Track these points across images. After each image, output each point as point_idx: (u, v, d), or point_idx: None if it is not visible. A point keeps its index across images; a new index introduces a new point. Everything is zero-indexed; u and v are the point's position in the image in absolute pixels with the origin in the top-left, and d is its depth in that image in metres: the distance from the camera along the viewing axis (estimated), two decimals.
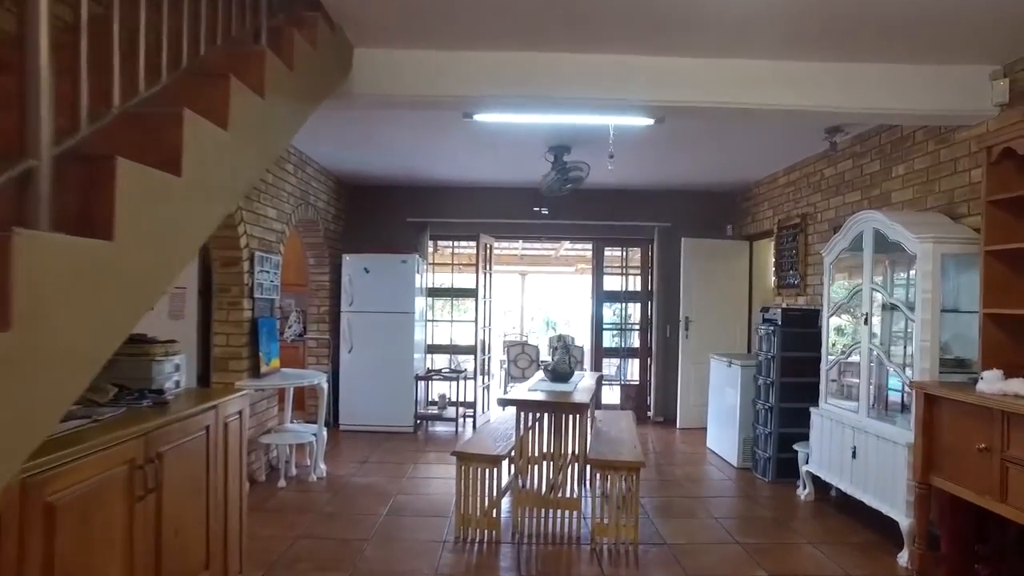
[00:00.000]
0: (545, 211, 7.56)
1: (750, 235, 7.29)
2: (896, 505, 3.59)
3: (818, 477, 4.48)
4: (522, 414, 3.83)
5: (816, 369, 4.98)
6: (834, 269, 4.55)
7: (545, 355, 10.97)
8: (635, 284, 7.82)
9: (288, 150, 5.50)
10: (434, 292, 7.87)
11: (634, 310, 7.98)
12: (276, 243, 5.25)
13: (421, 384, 7.11)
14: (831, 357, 4.50)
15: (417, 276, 6.87)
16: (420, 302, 7.08)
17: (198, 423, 2.56)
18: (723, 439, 5.87)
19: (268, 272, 5.04)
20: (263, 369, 4.78)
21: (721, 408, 5.97)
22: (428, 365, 7.53)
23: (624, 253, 7.87)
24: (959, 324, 3.59)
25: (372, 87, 3.47)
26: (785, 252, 6.16)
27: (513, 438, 3.92)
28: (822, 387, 4.54)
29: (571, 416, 3.89)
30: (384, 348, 6.73)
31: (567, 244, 10.11)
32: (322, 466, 5.01)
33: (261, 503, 4.35)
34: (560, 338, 4.77)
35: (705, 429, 6.72)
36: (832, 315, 4.52)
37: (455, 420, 6.77)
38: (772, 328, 5.09)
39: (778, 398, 5.01)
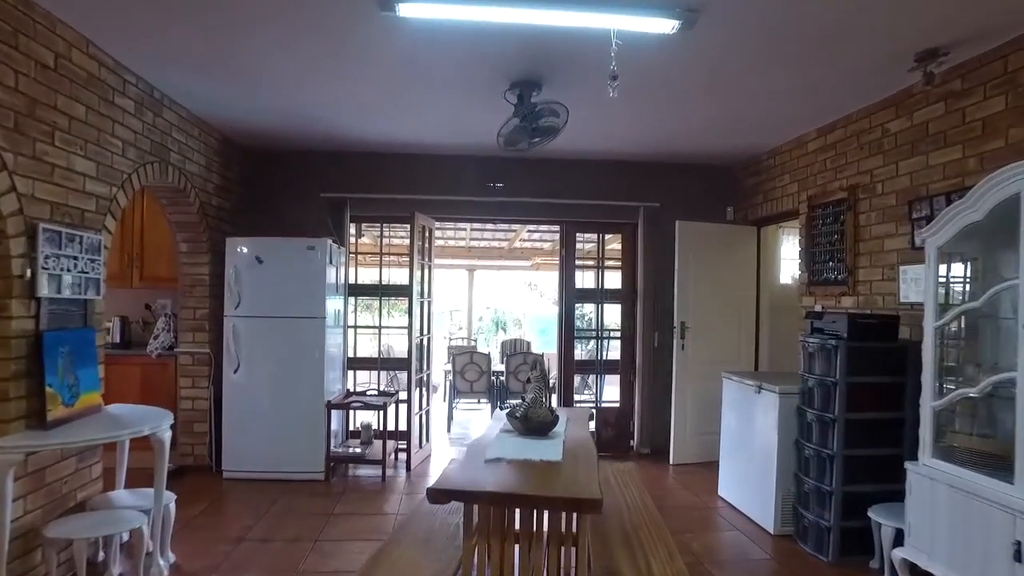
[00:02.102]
0: (500, 185, 5.89)
1: (759, 219, 5.81)
2: None
3: (923, 570, 2.97)
4: (475, 513, 2.15)
5: (897, 401, 3.49)
6: (939, 256, 3.04)
7: (498, 364, 9.32)
8: (615, 280, 6.23)
9: (123, 76, 3.66)
10: (358, 290, 6.10)
11: (613, 313, 6.40)
12: (95, 214, 3.41)
13: (337, 414, 5.34)
14: (949, 388, 2.98)
15: (331, 268, 5.10)
16: (336, 303, 5.30)
17: None
18: (748, 491, 4.33)
19: (75, 259, 3.20)
20: (55, 413, 2.94)
21: (742, 447, 4.44)
22: (348, 386, 5.74)
23: (600, 240, 6.27)
24: None
25: None
26: (821, 238, 4.67)
27: (459, 536, 2.24)
28: (924, 433, 3.02)
29: (567, 518, 2.22)
30: (284, 365, 4.93)
31: (527, 231, 8.44)
32: (161, 564, 3.19)
33: None
34: (535, 365, 3.07)
35: (707, 467, 5.22)
36: (944, 323, 3.01)
37: (382, 461, 5.04)
38: (831, 342, 3.57)
39: (842, 441, 3.50)
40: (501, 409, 7.95)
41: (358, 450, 5.21)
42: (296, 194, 5.75)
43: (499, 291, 18.10)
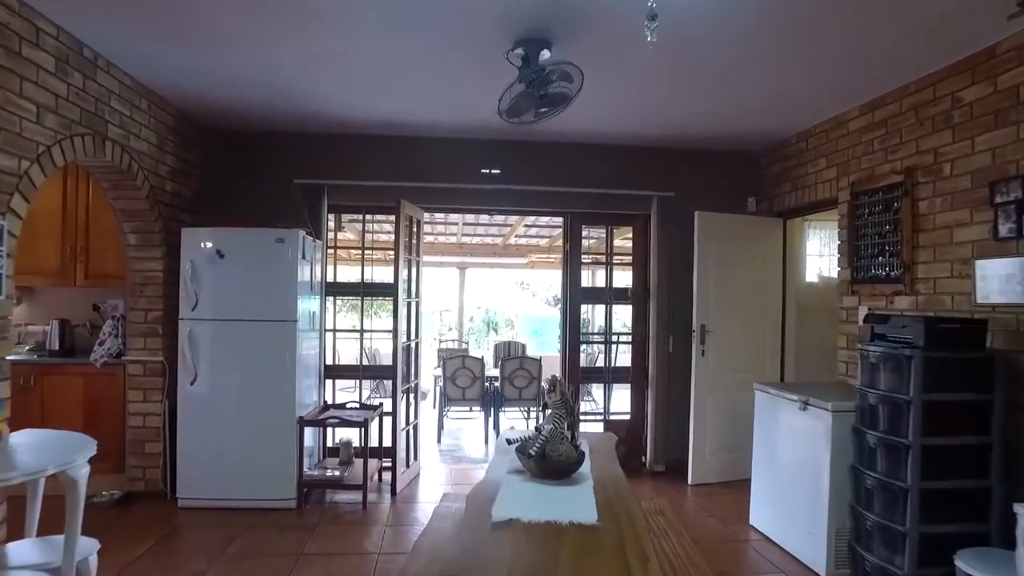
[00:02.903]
0: (497, 171, 5.24)
1: (785, 210, 5.20)
2: None
3: None
4: None
5: (983, 422, 2.89)
6: None
7: (491, 368, 8.66)
8: (625, 279, 5.60)
9: (36, 23, 2.97)
10: (337, 289, 5.43)
11: (623, 314, 5.77)
12: None
13: (313, 431, 4.67)
14: None
15: (304, 264, 4.43)
16: (310, 304, 4.64)
17: None
18: (789, 522, 3.72)
19: None
20: None
21: (781, 471, 3.82)
22: (326, 398, 5.08)
23: (609, 234, 5.64)
24: None
25: None
26: (867, 229, 4.06)
27: None
28: None
29: None
30: (250, 376, 4.26)
31: (524, 225, 7.80)
32: None
33: None
34: (554, 386, 2.39)
35: (732, 488, 4.65)
36: None
37: (363, 486, 4.37)
38: (904, 351, 2.95)
39: (919, 472, 2.89)
40: (496, 428, 7.43)
41: (336, 472, 4.54)
42: (266, 180, 5.07)
43: (490, 290, 17.45)
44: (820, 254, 5.59)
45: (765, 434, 4.02)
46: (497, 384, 7.42)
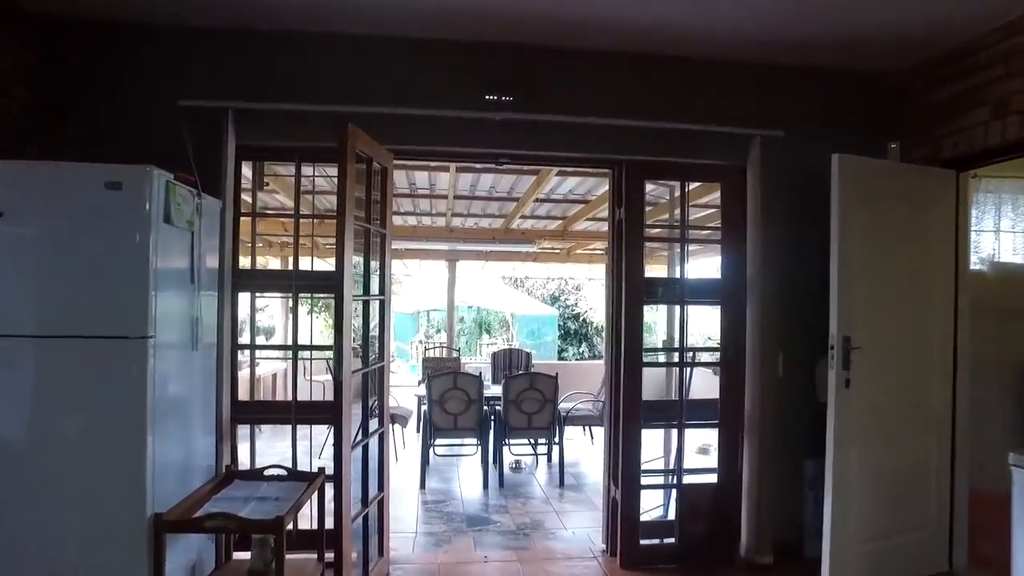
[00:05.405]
0: (509, 98, 3.28)
1: (959, 157, 3.31)
2: None
3: None
4: None
5: None
6: None
7: (493, 387, 6.72)
8: (703, 266, 3.67)
9: None
10: (255, 281, 3.45)
11: (700, 319, 3.83)
12: None
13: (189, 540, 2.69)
14: None
15: (173, 234, 2.46)
16: (190, 304, 2.66)
17: None
18: None
19: None
20: None
21: None
22: (229, 461, 3.06)
23: (683, 196, 3.69)
24: None
25: None
26: None
27: None
28: None
29: None
30: (53, 438, 2.27)
31: (535, 200, 5.73)
32: None
33: None
34: None
35: None
36: None
37: None
38: None
39: None
40: (499, 466, 5.44)
41: None
42: (133, 101, 3.10)
43: (480, 286, 15.52)
44: (995, 228, 3.69)
45: None
46: (499, 407, 5.56)
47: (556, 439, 5.62)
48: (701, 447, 5.74)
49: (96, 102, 3.09)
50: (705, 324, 4.99)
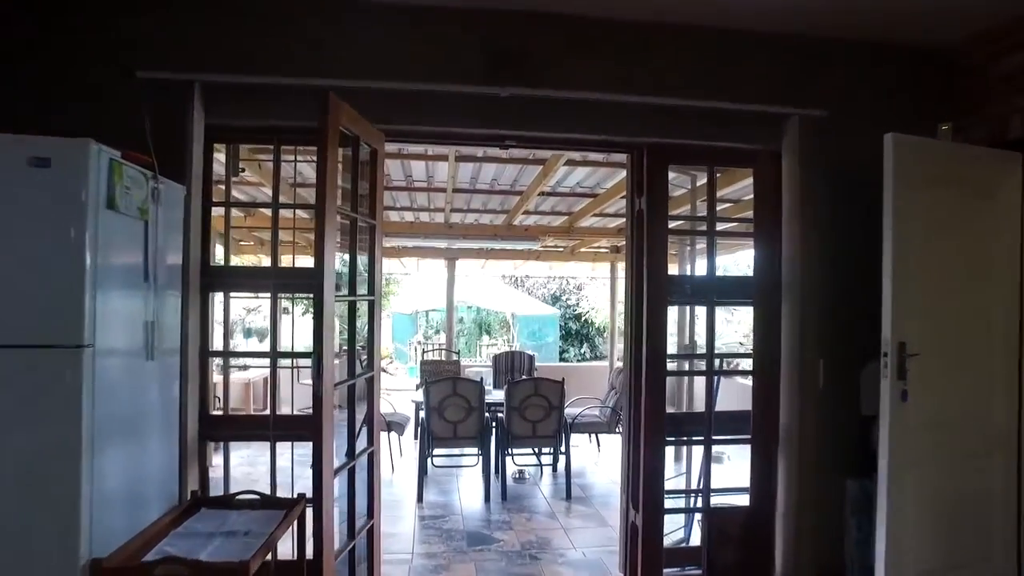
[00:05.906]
0: (516, 72, 2.88)
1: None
2: None
3: None
4: None
5: None
6: None
7: (494, 392, 6.32)
8: (733, 262, 3.35)
9: None
10: (228, 279, 3.06)
11: (729, 322, 3.49)
12: None
13: None
14: None
15: (120, 222, 2.07)
16: (142, 307, 2.27)
17: None
18: None
19: None
20: None
21: None
22: (196, 487, 2.67)
23: (711, 183, 3.29)
24: None
25: None
26: None
27: None
28: None
29: None
30: None
31: (540, 193, 5.31)
32: None
33: None
34: None
35: None
36: None
37: None
38: None
39: None
40: (501, 476, 5.02)
41: None
42: (82, 69, 2.70)
43: (479, 285, 15.12)
44: None
45: None
46: (501, 414, 5.20)
47: (563, 449, 5.25)
48: (714, 455, 5.36)
49: (44, 72, 2.70)
50: (722, 326, 4.57)
